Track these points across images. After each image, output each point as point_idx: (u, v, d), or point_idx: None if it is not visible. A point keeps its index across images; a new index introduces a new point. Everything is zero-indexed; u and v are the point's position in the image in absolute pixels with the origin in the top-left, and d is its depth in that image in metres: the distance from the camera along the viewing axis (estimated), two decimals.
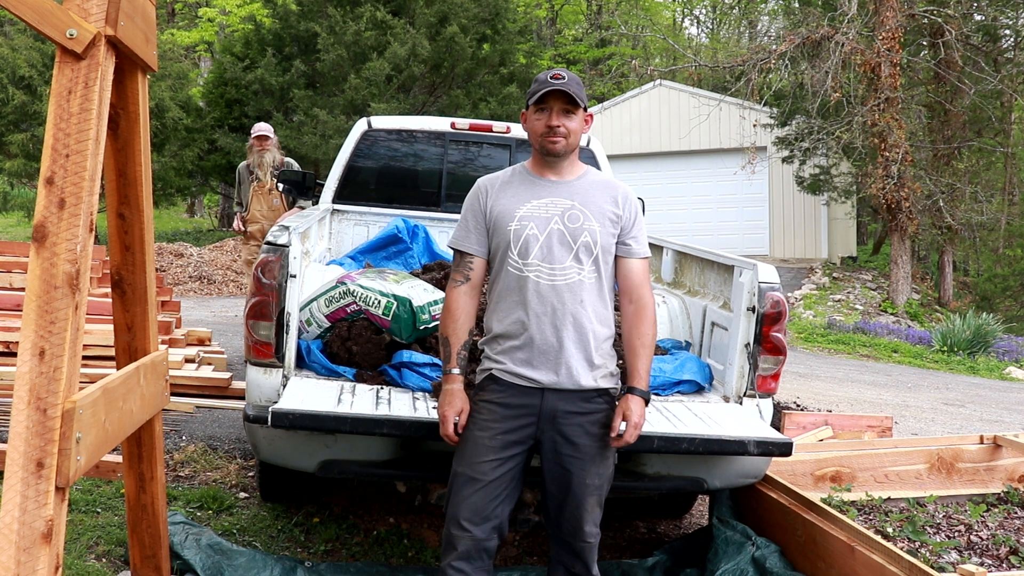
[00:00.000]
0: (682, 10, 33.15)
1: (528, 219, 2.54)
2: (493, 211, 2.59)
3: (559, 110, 2.52)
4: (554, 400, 2.50)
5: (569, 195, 2.58)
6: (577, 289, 2.51)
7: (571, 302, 2.50)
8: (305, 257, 3.72)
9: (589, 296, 2.52)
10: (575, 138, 2.56)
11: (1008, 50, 17.24)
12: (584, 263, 2.52)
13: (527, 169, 2.65)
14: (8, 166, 14.83)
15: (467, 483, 2.49)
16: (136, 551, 2.57)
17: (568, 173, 2.63)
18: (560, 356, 2.48)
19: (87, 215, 1.76)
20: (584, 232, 2.53)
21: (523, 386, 2.51)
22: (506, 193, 2.60)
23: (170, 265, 14.27)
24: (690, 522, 4.23)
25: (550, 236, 2.52)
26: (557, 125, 2.52)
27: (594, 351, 2.52)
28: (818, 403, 7.31)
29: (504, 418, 2.50)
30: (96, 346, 5.27)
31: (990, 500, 3.90)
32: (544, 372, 2.49)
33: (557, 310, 2.49)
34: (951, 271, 17.41)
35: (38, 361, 1.67)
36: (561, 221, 2.54)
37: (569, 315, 2.49)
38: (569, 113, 2.53)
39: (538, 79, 2.56)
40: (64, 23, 1.79)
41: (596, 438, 2.52)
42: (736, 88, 15.05)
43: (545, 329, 2.48)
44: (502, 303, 2.55)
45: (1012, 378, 10.48)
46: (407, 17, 15.75)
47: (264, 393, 3.09)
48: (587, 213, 2.55)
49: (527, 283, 2.50)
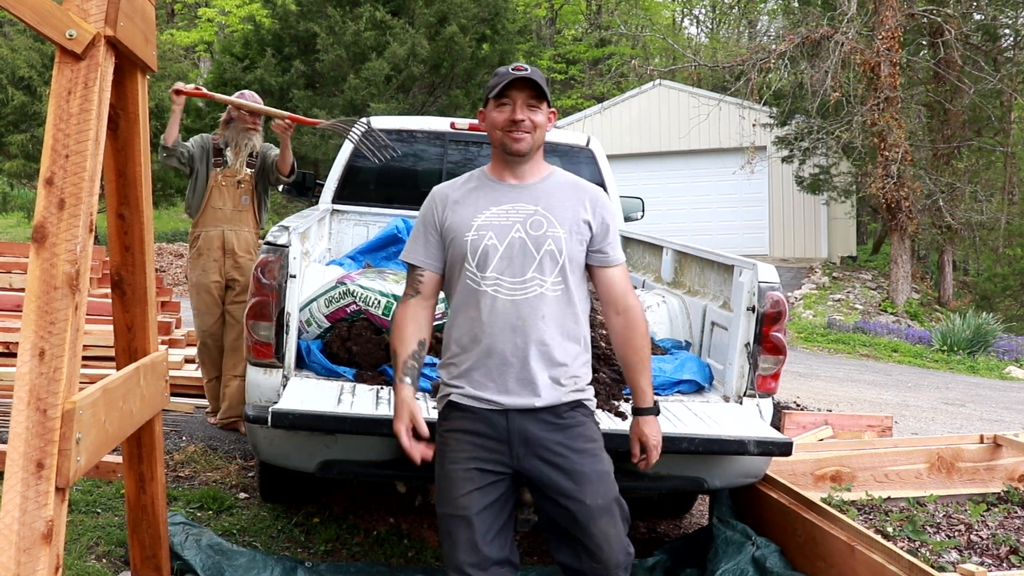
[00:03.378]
0: (682, 10, 33.15)
1: (486, 228, 2.31)
2: (448, 221, 2.36)
3: (523, 103, 2.30)
4: (521, 422, 2.26)
5: (532, 200, 2.35)
6: (538, 304, 2.28)
7: (531, 318, 2.26)
8: (305, 257, 3.72)
9: (553, 310, 2.29)
10: (540, 134, 2.35)
11: (1008, 49, 17.25)
12: (547, 275, 2.29)
13: (486, 173, 2.43)
14: (8, 167, 14.84)
15: (455, 523, 2.24)
16: (136, 551, 2.57)
17: (532, 175, 2.40)
18: (522, 375, 2.26)
19: (87, 215, 1.76)
20: (548, 240, 2.30)
21: (485, 409, 2.28)
22: (463, 201, 2.38)
23: (170, 265, 14.28)
24: (690, 522, 4.23)
25: (511, 246, 2.29)
26: (522, 119, 2.29)
27: (560, 370, 2.29)
28: (818, 403, 7.31)
29: (474, 446, 2.27)
30: (96, 346, 5.27)
31: (990, 499, 3.90)
32: (505, 393, 2.26)
33: (516, 328, 2.26)
34: (951, 270, 17.41)
35: (38, 362, 1.67)
36: (523, 229, 2.31)
37: (530, 332, 2.26)
38: (534, 107, 2.31)
39: (498, 72, 2.35)
40: (64, 23, 1.79)
41: (581, 453, 2.27)
42: (736, 88, 15.05)
43: (504, 348, 2.26)
44: (458, 320, 2.34)
45: (1012, 377, 10.48)
46: (406, 17, 15.76)
47: (264, 393, 3.09)
48: (551, 219, 2.32)
49: (484, 298, 2.28)
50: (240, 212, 4.88)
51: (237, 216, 4.86)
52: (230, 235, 4.82)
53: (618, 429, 2.86)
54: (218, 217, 4.84)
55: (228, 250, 4.79)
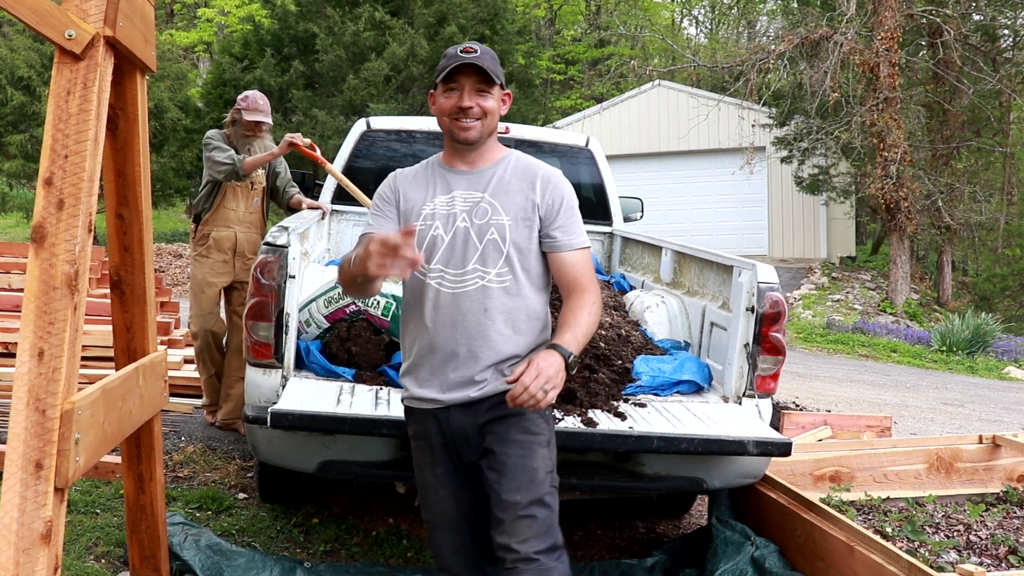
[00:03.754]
0: (681, 10, 33.16)
1: (432, 217, 2.21)
2: (402, 207, 2.27)
3: (471, 88, 2.17)
4: (460, 418, 2.18)
5: (481, 186, 2.23)
6: (480, 297, 2.16)
7: (473, 312, 2.15)
8: (304, 257, 3.72)
9: (497, 303, 2.16)
10: (492, 120, 2.22)
11: (1007, 50, 17.26)
12: (491, 266, 2.17)
13: (439, 160, 2.32)
14: (7, 167, 14.83)
15: (436, 528, 2.26)
16: (135, 552, 2.56)
17: (483, 161, 2.27)
18: (463, 370, 2.16)
19: (86, 216, 1.76)
20: (491, 228, 2.18)
21: (427, 410, 2.22)
22: (414, 188, 2.28)
23: (169, 266, 14.28)
24: (689, 522, 4.23)
25: (455, 236, 2.19)
26: (469, 106, 2.16)
27: (508, 362, 2.18)
28: (817, 403, 7.31)
29: (430, 448, 2.24)
30: (95, 347, 5.27)
31: (989, 500, 3.91)
32: (446, 389, 2.18)
33: (457, 323, 2.16)
34: (950, 271, 17.42)
35: (37, 362, 1.66)
36: (468, 218, 2.20)
37: (471, 328, 2.15)
38: (484, 92, 2.17)
39: (447, 54, 2.21)
40: (63, 24, 1.79)
41: (511, 443, 2.13)
42: (735, 88, 15.05)
43: (446, 344, 2.17)
44: (407, 316, 2.28)
45: (1011, 378, 10.49)
46: (406, 17, 15.76)
47: (263, 394, 3.09)
48: (496, 206, 2.20)
49: (427, 292, 2.19)
50: (251, 214, 4.88)
51: (248, 218, 4.86)
52: (242, 237, 4.81)
53: (618, 429, 2.86)
54: (230, 218, 4.79)
55: (239, 252, 4.81)
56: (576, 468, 3.08)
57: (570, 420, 2.92)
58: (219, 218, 4.78)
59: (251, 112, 4.73)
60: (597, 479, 3.12)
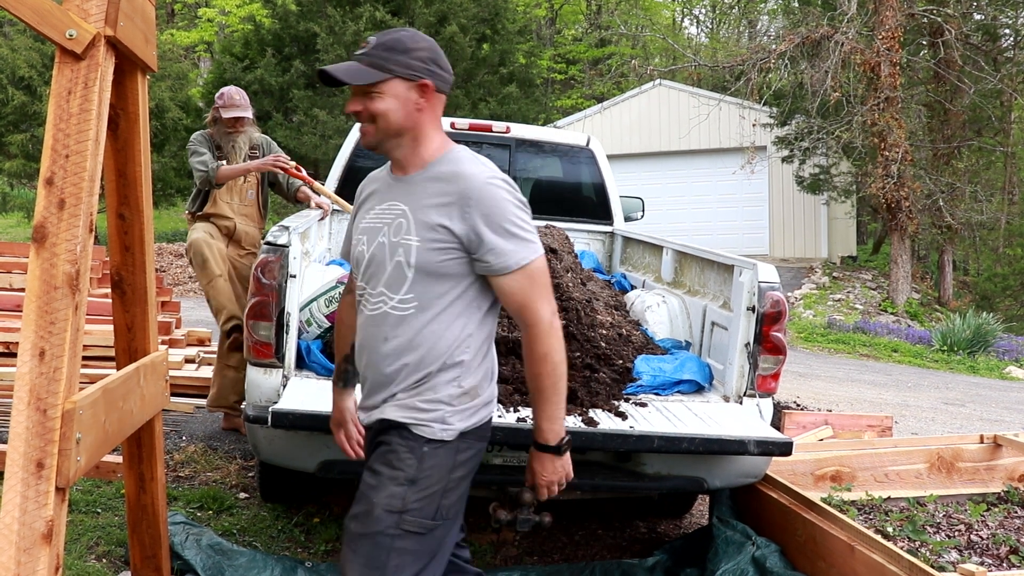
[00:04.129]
0: (682, 10, 33.15)
1: (363, 232, 2.05)
2: (357, 214, 2.15)
3: (358, 91, 1.95)
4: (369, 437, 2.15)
5: (404, 197, 1.99)
6: (380, 322, 1.98)
7: (375, 339, 2.00)
8: (305, 257, 3.73)
9: (396, 331, 1.96)
10: (389, 120, 1.93)
11: (1008, 49, 17.25)
12: (395, 290, 1.95)
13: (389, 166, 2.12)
14: (8, 167, 14.86)
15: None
16: (136, 551, 2.57)
17: (412, 166, 2.01)
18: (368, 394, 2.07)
19: (87, 215, 1.76)
20: (399, 249, 1.95)
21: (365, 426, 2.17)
22: (370, 195, 2.12)
23: (170, 265, 14.28)
24: (690, 522, 4.22)
25: (374, 254, 2.00)
26: (355, 110, 1.96)
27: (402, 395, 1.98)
28: (818, 403, 7.31)
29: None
30: (96, 346, 5.27)
31: (990, 499, 3.91)
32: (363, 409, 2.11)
33: (364, 348, 2.05)
34: (951, 270, 17.42)
35: (38, 362, 1.67)
36: (388, 233, 1.98)
37: (373, 355, 2.01)
38: (371, 94, 1.93)
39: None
40: (64, 23, 1.79)
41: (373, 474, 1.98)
42: (736, 88, 15.06)
43: (361, 365, 2.09)
44: None
45: (1012, 377, 10.48)
46: (406, 17, 15.77)
47: (264, 393, 3.09)
48: (410, 223, 1.95)
49: (359, 310, 2.08)
50: (246, 206, 4.91)
51: (243, 210, 4.90)
52: (240, 227, 4.85)
53: (618, 429, 2.86)
54: (226, 210, 4.83)
55: (235, 239, 4.81)
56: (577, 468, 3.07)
57: (571, 420, 2.91)
58: (218, 207, 4.82)
59: (228, 109, 4.77)
60: (598, 479, 3.11)
